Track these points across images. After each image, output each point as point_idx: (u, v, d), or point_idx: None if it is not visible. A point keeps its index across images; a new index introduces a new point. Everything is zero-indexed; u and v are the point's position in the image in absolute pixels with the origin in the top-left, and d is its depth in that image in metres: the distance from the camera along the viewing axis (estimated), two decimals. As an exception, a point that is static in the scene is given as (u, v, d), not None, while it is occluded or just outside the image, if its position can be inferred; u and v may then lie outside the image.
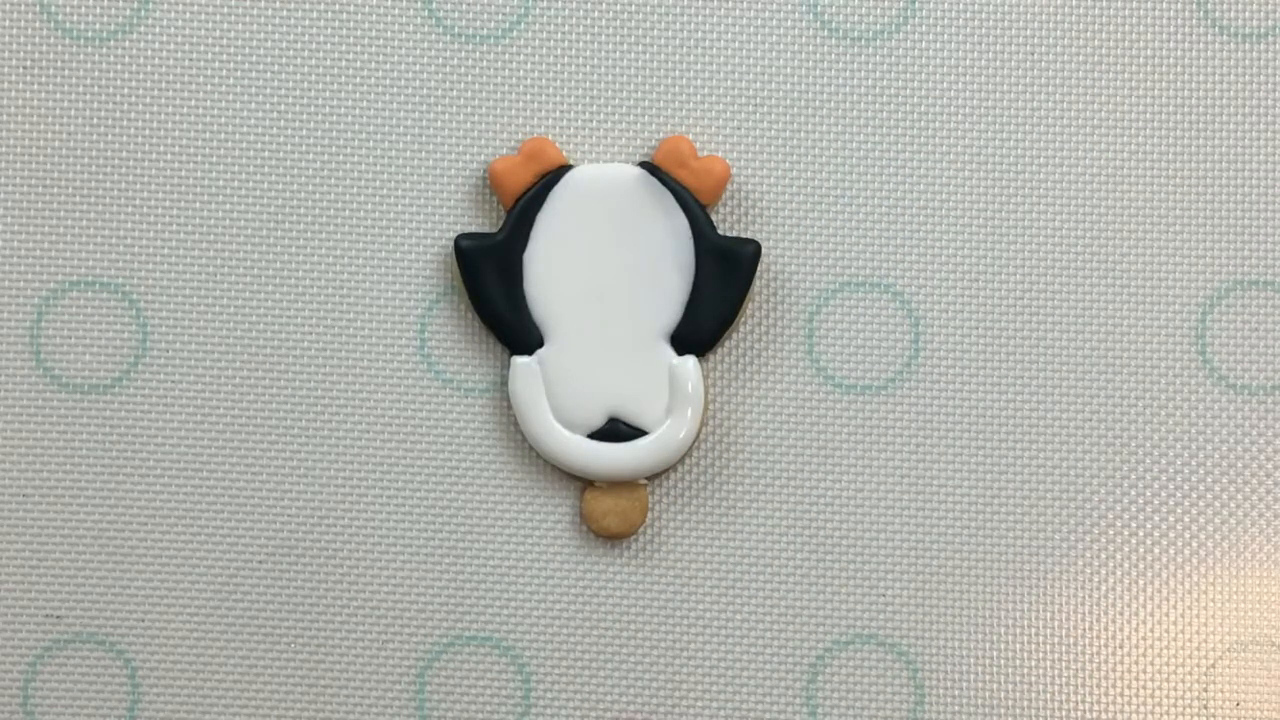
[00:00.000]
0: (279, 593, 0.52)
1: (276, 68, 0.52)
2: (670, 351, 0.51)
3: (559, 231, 0.51)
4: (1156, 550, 0.52)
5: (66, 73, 0.52)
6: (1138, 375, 0.52)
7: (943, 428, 0.52)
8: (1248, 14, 0.53)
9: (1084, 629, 0.52)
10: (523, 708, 0.52)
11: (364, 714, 0.52)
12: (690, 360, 0.51)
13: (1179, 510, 0.52)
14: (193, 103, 0.52)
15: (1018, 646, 0.52)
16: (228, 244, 0.52)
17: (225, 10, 0.53)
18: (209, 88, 0.52)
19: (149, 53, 0.53)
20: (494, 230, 0.52)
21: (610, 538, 0.52)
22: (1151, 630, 0.52)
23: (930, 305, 0.52)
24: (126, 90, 0.52)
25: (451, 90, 0.53)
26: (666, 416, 0.51)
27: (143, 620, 0.52)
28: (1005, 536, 0.52)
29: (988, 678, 0.52)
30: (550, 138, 0.52)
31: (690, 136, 0.52)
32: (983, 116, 0.53)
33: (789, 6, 0.53)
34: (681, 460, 0.52)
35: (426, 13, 0.53)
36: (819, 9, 0.53)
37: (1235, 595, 0.52)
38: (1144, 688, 0.52)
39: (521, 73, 0.53)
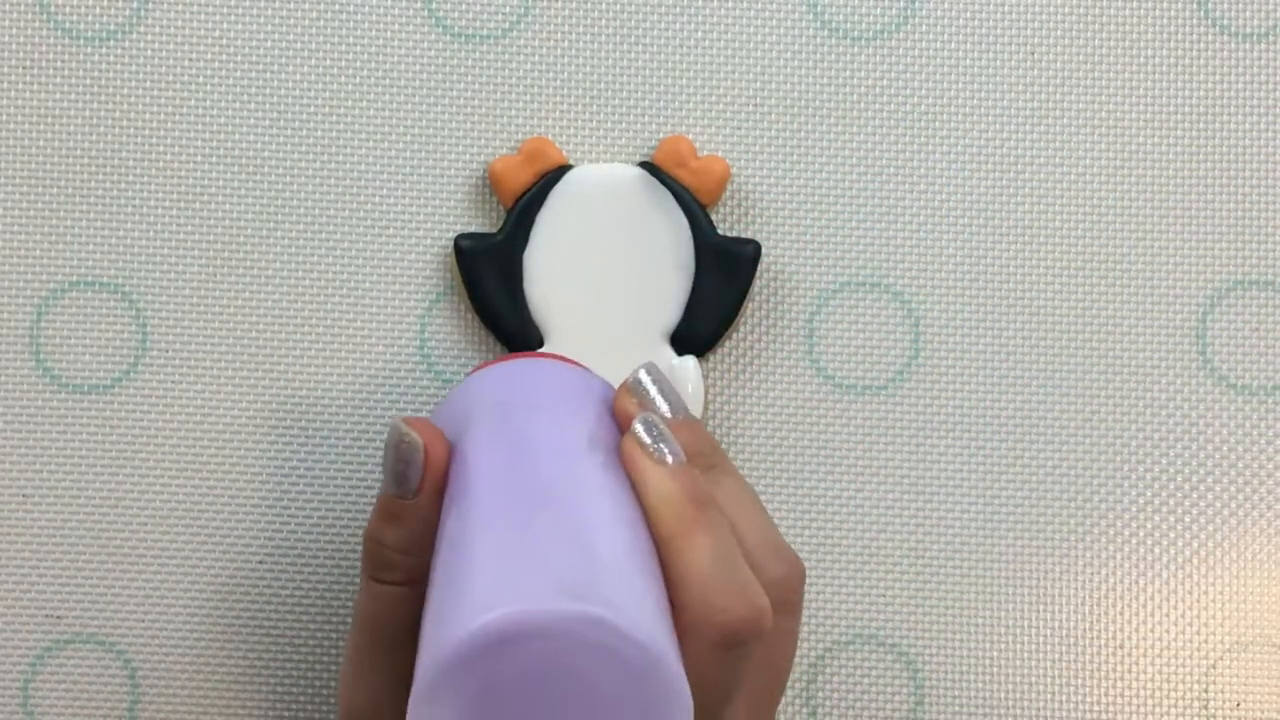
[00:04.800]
0: (279, 592, 0.52)
1: (276, 68, 0.53)
2: (670, 351, 0.51)
3: (559, 231, 0.51)
4: (1156, 550, 0.52)
5: (66, 73, 0.52)
6: (1138, 375, 0.52)
7: (943, 428, 0.52)
8: (1248, 14, 0.53)
9: (1084, 629, 0.52)
10: (522, 708, 0.52)
11: (364, 714, 0.52)
12: (690, 360, 0.51)
13: (1179, 510, 0.52)
14: (192, 103, 0.52)
15: (1018, 646, 0.52)
16: (227, 244, 0.52)
17: (225, 10, 0.53)
18: (208, 88, 0.52)
19: (149, 53, 0.53)
20: (494, 230, 0.52)
21: (610, 538, 0.52)
22: (1151, 630, 0.52)
23: (930, 305, 0.52)
24: (126, 90, 0.52)
25: (451, 90, 0.53)
26: (666, 416, 0.51)
27: (142, 620, 0.52)
28: (1005, 536, 0.52)
29: (988, 678, 0.52)
30: (550, 138, 0.52)
31: (690, 136, 0.52)
32: (982, 116, 0.53)
33: (789, 6, 0.53)
34: (681, 460, 0.52)
35: (426, 13, 0.53)
36: (819, 9, 0.53)
37: (1235, 595, 0.52)
38: (1144, 688, 0.52)
39: (521, 73, 0.53)
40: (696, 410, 0.51)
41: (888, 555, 0.52)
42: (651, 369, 0.41)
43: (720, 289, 0.51)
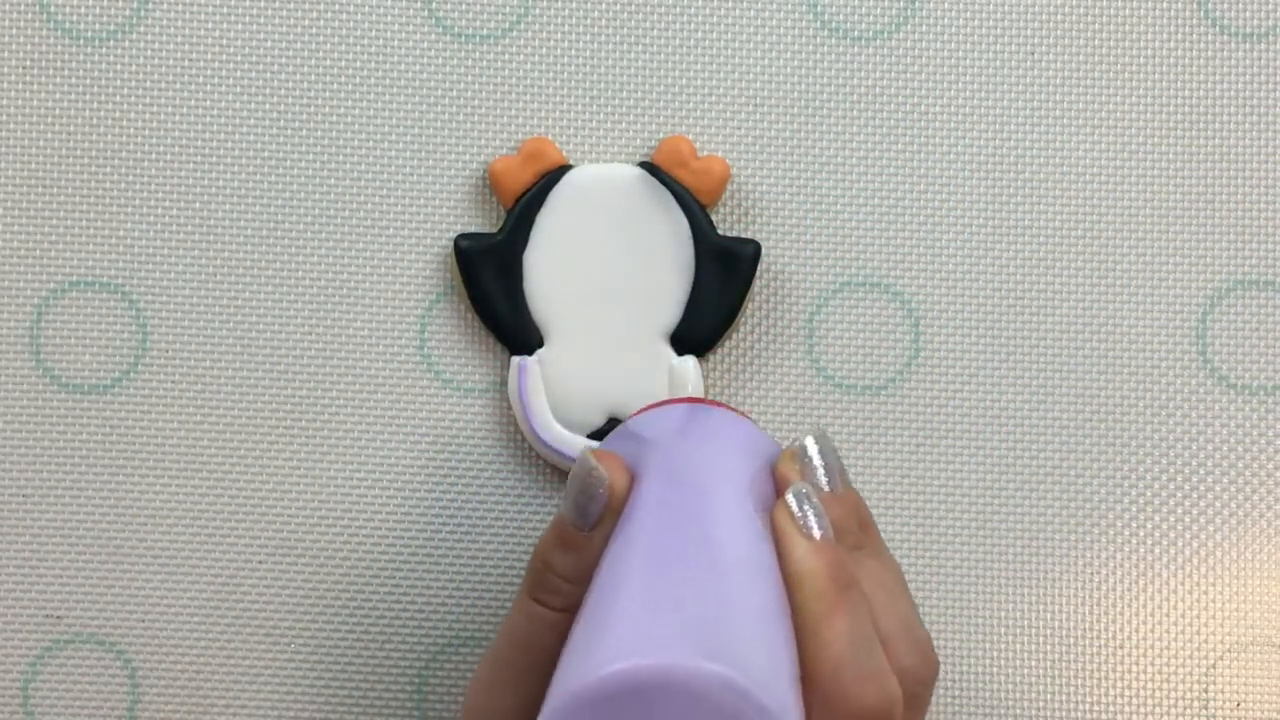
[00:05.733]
0: (279, 593, 0.52)
1: (276, 68, 0.53)
2: (670, 351, 0.51)
3: (559, 231, 0.51)
4: (1156, 550, 0.52)
5: (66, 73, 0.52)
6: (1138, 375, 0.52)
7: (943, 428, 0.52)
8: (1248, 14, 0.53)
9: (1084, 629, 0.52)
10: (522, 708, 0.52)
11: (364, 714, 0.52)
12: (690, 360, 0.51)
13: (1179, 510, 0.52)
14: (192, 103, 0.52)
15: (1018, 646, 0.52)
16: (227, 244, 0.52)
17: (224, 10, 0.53)
18: (208, 88, 0.52)
19: (149, 53, 0.53)
20: (494, 230, 0.52)
21: (610, 538, 0.52)
22: (1151, 630, 0.52)
23: (930, 305, 0.52)
24: (126, 90, 0.52)
25: (451, 90, 0.53)
26: (666, 416, 0.51)
27: (143, 620, 0.52)
28: (1005, 536, 0.52)
29: (988, 677, 0.52)
30: (550, 138, 0.52)
31: (690, 136, 0.52)
32: (982, 116, 0.53)
33: (789, 6, 0.53)
34: (681, 460, 0.52)
35: (426, 13, 0.53)
36: (819, 9, 0.53)
37: (1235, 595, 0.52)
38: (1144, 688, 0.52)
39: (521, 73, 0.53)
40: (696, 410, 0.51)
41: (888, 555, 0.52)
42: (821, 438, 0.41)
43: (720, 289, 0.51)
